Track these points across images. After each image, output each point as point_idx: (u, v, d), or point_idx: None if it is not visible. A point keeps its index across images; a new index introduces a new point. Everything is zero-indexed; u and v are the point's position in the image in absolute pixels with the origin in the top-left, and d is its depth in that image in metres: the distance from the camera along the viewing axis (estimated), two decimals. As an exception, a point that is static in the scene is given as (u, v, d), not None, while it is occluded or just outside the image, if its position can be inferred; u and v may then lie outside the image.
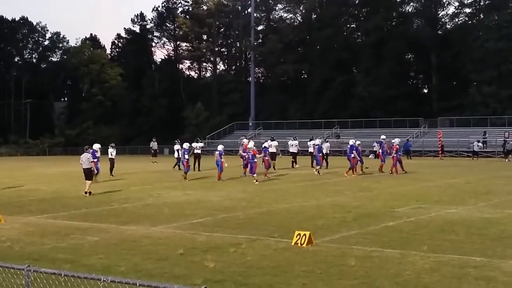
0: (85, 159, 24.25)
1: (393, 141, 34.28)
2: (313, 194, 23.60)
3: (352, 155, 32.36)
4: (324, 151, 38.50)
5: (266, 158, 31.44)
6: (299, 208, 19.15)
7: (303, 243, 12.62)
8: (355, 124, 69.08)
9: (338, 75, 76.99)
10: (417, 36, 76.71)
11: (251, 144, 33.05)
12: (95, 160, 27.36)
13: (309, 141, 41.48)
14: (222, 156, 30.93)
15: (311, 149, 39.32)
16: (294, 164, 39.65)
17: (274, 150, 38.27)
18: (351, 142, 34.06)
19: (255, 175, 29.38)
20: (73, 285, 7.52)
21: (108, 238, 14.22)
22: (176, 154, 38.17)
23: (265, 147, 32.07)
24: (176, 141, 39.66)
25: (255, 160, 30.34)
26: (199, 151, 38.76)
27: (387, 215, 17.23)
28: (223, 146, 32.72)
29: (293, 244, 12.73)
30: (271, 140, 39.30)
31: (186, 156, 31.94)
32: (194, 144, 39.30)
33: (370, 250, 12.13)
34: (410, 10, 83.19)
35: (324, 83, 78.11)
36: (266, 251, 12.37)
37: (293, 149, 41.07)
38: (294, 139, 41.86)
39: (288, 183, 28.60)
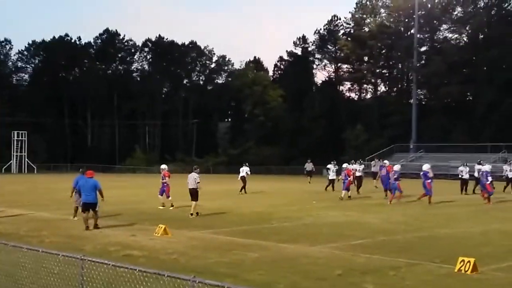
0: (192, 179, 23.81)
1: None
2: (479, 219, 22.59)
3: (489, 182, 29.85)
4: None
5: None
6: (463, 234, 18.38)
7: (467, 270, 12.07)
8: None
9: (507, 97, 73.30)
10: None
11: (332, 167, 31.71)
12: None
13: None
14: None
15: (476, 174, 37.28)
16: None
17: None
18: (478, 167, 32.52)
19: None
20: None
21: (268, 255, 14.48)
22: (331, 176, 38.03)
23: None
24: (332, 162, 39.48)
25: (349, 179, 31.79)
26: (361, 174, 38.27)
27: (561, 245, 16.08)
28: (428, 166, 29.76)
29: (456, 270, 12.22)
30: (481, 165, 36.86)
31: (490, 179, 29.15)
32: (354, 166, 38.83)
33: (541, 282, 11.38)
34: None
35: (491, 105, 74.71)
36: (427, 276, 11.99)
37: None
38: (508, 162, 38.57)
39: (451, 208, 27.55)
